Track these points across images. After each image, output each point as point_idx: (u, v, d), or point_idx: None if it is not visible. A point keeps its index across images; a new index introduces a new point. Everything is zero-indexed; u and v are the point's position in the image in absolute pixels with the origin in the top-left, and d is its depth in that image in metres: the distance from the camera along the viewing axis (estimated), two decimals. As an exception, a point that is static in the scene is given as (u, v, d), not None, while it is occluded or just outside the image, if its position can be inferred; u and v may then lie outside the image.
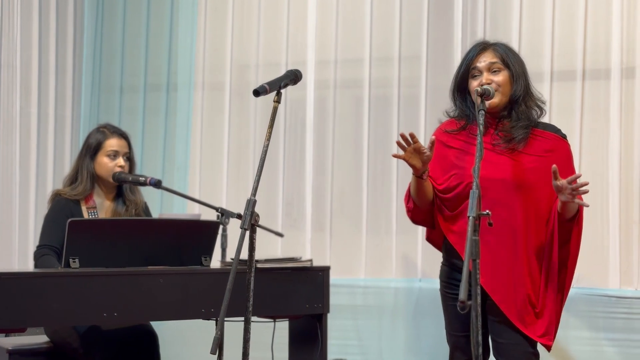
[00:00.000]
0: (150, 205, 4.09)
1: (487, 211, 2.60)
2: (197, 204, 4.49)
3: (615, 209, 4.12)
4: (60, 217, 3.71)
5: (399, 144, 2.98)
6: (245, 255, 2.70)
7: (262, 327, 3.79)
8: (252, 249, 2.69)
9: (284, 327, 3.88)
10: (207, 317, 3.41)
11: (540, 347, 3.08)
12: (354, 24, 4.79)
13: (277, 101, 2.80)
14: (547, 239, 2.99)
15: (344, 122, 4.81)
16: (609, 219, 4.13)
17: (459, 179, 3.08)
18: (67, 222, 3.25)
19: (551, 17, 4.32)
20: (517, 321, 2.98)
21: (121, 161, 3.84)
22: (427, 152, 2.97)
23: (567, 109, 4.24)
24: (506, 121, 3.07)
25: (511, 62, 3.05)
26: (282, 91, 2.85)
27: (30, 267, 4.81)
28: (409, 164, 3.02)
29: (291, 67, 3.12)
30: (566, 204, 2.93)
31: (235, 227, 3.34)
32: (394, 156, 3.06)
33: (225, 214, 3.75)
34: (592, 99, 4.24)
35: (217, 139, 5.06)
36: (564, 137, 3.10)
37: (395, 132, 4.65)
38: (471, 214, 2.56)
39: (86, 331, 3.64)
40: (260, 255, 3.27)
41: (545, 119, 3.21)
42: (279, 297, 3.57)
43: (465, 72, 3.09)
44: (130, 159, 3.91)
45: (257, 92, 2.77)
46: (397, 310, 4.59)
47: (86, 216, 3.79)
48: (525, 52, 4.26)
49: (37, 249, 3.75)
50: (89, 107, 5.34)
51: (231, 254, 3.74)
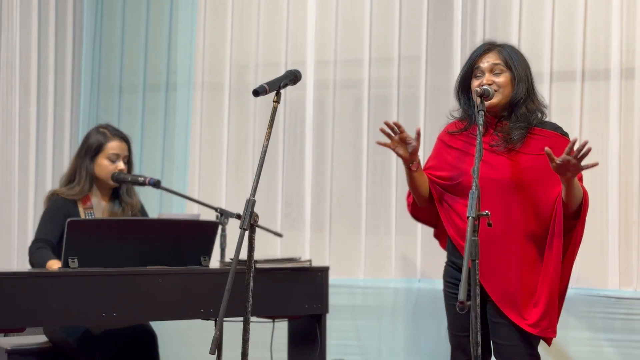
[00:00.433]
0: (149, 205, 4.09)
1: (486, 211, 2.60)
2: (196, 204, 4.49)
3: (614, 210, 4.12)
4: (57, 215, 3.71)
5: (382, 131, 3.07)
6: (244, 255, 2.69)
7: (261, 328, 3.79)
8: (251, 249, 2.68)
9: (283, 327, 3.88)
10: (206, 317, 3.40)
11: (541, 349, 3.08)
12: (354, 24, 4.79)
13: (277, 101, 2.80)
14: (550, 230, 2.97)
15: (344, 122, 4.81)
16: (609, 220, 4.13)
17: (458, 177, 3.11)
18: (64, 221, 3.24)
19: (551, 17, 4.32)
20: (512, 312, 2.97)
21: (121, 164, 3.83)
22: (413, 142, 3.06)
23: (567, 110, 4.24)
24: (506, 122, 3.07)
25: (514, 65, 3.05)
26: (282, 91, 2.85)
27: (28, 267, 4.80)
28: (396, 153, 3.12)
29: (291, 67, 3.12)
30: (570, 188, 2.89)
31: (234, 227, 3.34)
32: (378, 143, 3.15)
33: (224, 214, 3.76)
34: (591, 100, 4.24)
35: (217, 139, 5.06)
36: (564, 134, 3.08)
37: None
38: (470, 214, 2.56)
39: (85, 331, 3.64)
40: (259, 255, 3.27)
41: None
42: (278, 298, 3.57)
43: (468, 71, 3.11)
44: (129, 161, 3.90)
45: (256, 92, 2.77)
46: (396, 310, 4.59)
47: (83, 216, 3.79)
48: (524, 52, 4.22)
49: (32, 243, 3.74)
50: (88, 107, 5.34)
51: (230, 254, 3.74)
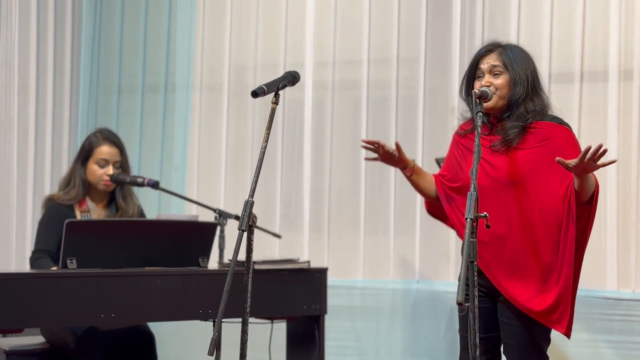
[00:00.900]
0: (147, 206, 4.09)
1: (484, 213, 2.61)
2: (194, 205, 4.49)
3: (612, 211, 4.12)
4: (54, 221, 3.71)
5: (365, 148, 3.33)
6: (243, 256, 2.69)
7: (260, 328, 3.79)
8: (249, 250, 2.68)
9: (281, 328, 3.88)
10: (204, 318, 3.40)
11: (550, 351, 3.08)
12: (352, 25, 4.79)
13: (275, 102, 2.80)
14: (564, 219, 2.94)
15: (342, 123, 4.81)
16: (607, 221, 4.13)
17: (460, 179, 3.16)
18: (62, 227, 3.24)
19: (549, 19, 4.32)
20: (521, 305, 2.98)
21: (110, 170, 3.80)
22: (395, 153, 3.29)
23: (565, 111, 4.21)
24: (506, 122, 3.07)
25: (512, 66, 3.05)
26: (280, 92, 2.85)
27: (27, 268, 4.80)
28: (387, 164, 3.37)
29: (289, 68, 3.12)
30: (584, 181, 2.88)
31: (232, 228, 3.34)
32: (366, 159, 3.44)
33: (222, 215, 3.76)
34: (590, 101, 4.24)
35: (215, 140, 5.06)
36: (562, 124, 3.05)
37: (393, 133, 4.65)
38: (469, 215, 2.57)
39: (83, 332, 3.64)
40: (257, 256, 3.27)
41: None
42: (276, 298, 3.57)
43: (472, 72, 3.12)
44: (123, 166, 3.88)
45: (255, 93, 2.77)
46: (394, 311, 4.59)
47: (80, 219, 3.79)
48: (523, 53, 4.26)
49: (32, 254, 3.75)
50: (87, 108, 5.33)
51: (229, 255, 3.74)
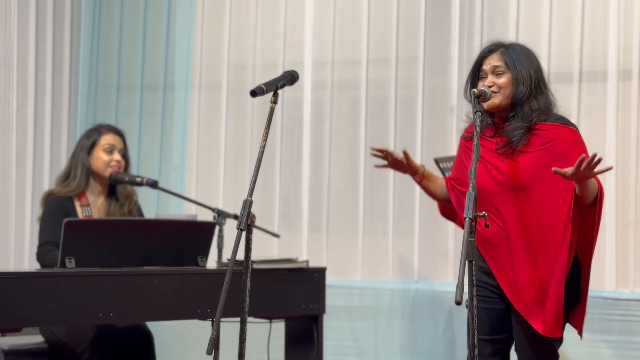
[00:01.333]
0: (146, 205, 4.08)
1: (483, 212, 2.61)
2: (193, 205, 4.49)
3: (611, 211, 4.12)
4: (56, 214, 3.71)
5: (374, 155, 3.37)
6: (241, 255, 2.69)
7: (258, 328, 3.79)
8: (248, 249, 2.68)
9: (280, 327, 3.88)
10: (203, 317, 3.40)
11: (568, 350, 3.08)
12: (351, 25, 4.79)
13: (274, 102, 2.79)
14: (562, 222, 2.94)
15: (341, 123, 4.81)
16: (605, 221, 4.13)
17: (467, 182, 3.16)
18: (64, 217, 3.24)
19: (548, 19, 4.32)
20: (532, 319, 2.98)
21: (117, 156, 3.84)
22: (404, 160, 3.31)
23: (564, 111, 4.24)
24: (511, 123, 3.06)
25: (514, 65, 3.04)
26: (279, 92, 2.85)
27: (26, 266, 4.80)
28: (396, 170, 3.40)
29: (288, 68, 3.13)
30: (584, 187, 2.88)
31: (231, 228, 3.34)
32: (376, 166, 3.47)
33: (221, 215, 3.76)
34: (589, 101, 4.24)
35: (214, 139, 5.06)
36: (567, 124, 3.03)
37: (392, 133, 4.65)
38: (467, 215, 2.57)
39: (82, 331, 3.64)
40: (256, 256, 3.27)
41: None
42: (275, 298, 3.57)
43: (475, 73, 3.11)
44: (125, 156, 3.91)
45: (254, 93, 2.77)
46: (393, 311, 4.59)
47: (80, 213, 3.79)
48: (522, 53, 4.26)
49: (38, 248, 3.74)
50: (86, 107, 5.33)
51: (227, 255, 3.74)
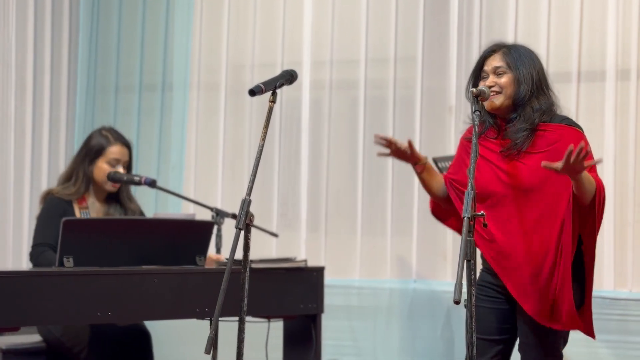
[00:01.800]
0: (144, 205, 4.08)
1: (481, 212, 2.61)
2: (192, 204, 4.49)
3: (609, 211, 4.12)
4: (53, 215, 3.70)
5: (378, 143, 3.32)
6: (240, 255, 2.69)
7: (257, 327, 3.78)
8: (246, 249, 2.69)
9: (278, 327, 3.88)
10: (201, 316, 3.40)
11: (567, 350, 3.08)
12: (350, 25, 4.79)
13: (273, 101, 2.79)
14: (564, 223, 2.95)
15: (340, 122, 4.81)
16: (603, 221, 4.12)
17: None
18: (59, 221, 3.24)
19: (547, 19, 4.32)
20: (542, 319, 2.98)
21: (120, 170, 3.82)
22: (407, 150, 3.28)
23: (562, 111, 4.24)
24: (514, 124, 3.05)
25: (515, 66, 3.04)
26: (278, 91, 2.85)
27: (24, 266, 4.80)
28: (398, 159, 3.36)
29: (287, 68, 3.12)
30: (579, 183, 2.86)
31: (230, 227, 3.34)
32: (379, 154, 3.39)
33: (219, 214, 3.76)
34: (587, 101, 4.25)
35: (213, 138, 5.06)
36: (572, 125, 3.03)
37: (390, 133, 4.65)
38: (466, 214, 2.57)
39: (80, 331, 3.64)
40: (254, 255, 3.26)
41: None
42: (273, 297, 3.57)
43: (476, 74, 3.11)
44: (129, 168, 3.90)
45: (252, 92, 2.77)
46: (391, 311, 4.59)
47: (78, 216, 3.78)
48: (520, 53, 4.26)
49: (32, 248, 3.73)
50: (84, 107, 5.33)
51: (226, 254, 3.74)
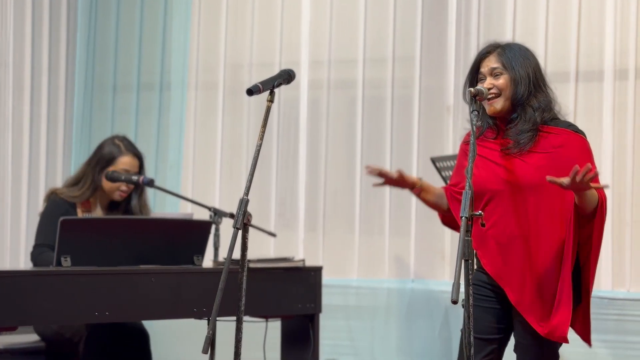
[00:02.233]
0: (142, 204, 4.08)
1: (479, 212, 2.61)
2: (189, 203, 4.48)
3: (607, 211, 4.11)
4: (56, 216, 3.69)
5: (370, 174, 3.36)
6: (237, 254, 2.69)
7: (254, 327, 3.78)
8: (244, 248, 2.68)
9: (276, 327, 3.88)
10: (199, 316, 3.40)
11: (565, 350, 3.08)
12: (348, 25, 4.79)
13: (271, 100, 2.79)
14: (566, 234, 2.95)
15: (338, 122, 4.81)
16: (602, 221, 4.14)
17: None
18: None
19: (545, 19, 4.33)
20: (534, 321, 2.97)
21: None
22: (397, 177, 3.29)
23: (561, 107, 4.24)
24: (516, 124, 3.04)
25: (512, 66, 3.03)
26: (276, 91, 2.84)
27: (21, 265, 4.80)
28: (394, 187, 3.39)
29: (285, 67, 3.13)
30: (582, 197, 2.88)
31: (227, 227, 3.33)
32: (375, 185, 3.41)
33: (217, 214, 3.75)
34: (585, 101, 4.25)
35: (210, 138, 5.06)
36: (577, 132, 3.03)
37: (388, 133, 4.65)
38: (464, 214, 2.57)
39: (77, 330, 3.64)
40: (252, 255, 3.26)
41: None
42: (271, 297, 3.57)
43: (473, 75, 3.10)
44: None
45: (250, 92, 2.76)
46: (389, 311, 4.59)
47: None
48: (518, 53, 4.26)
49: (34, 248, 3.73)
50: (82, 106, 5.33)
51: (223, 254, 3.73)
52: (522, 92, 3.01)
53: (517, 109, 3.03)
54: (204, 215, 3.82)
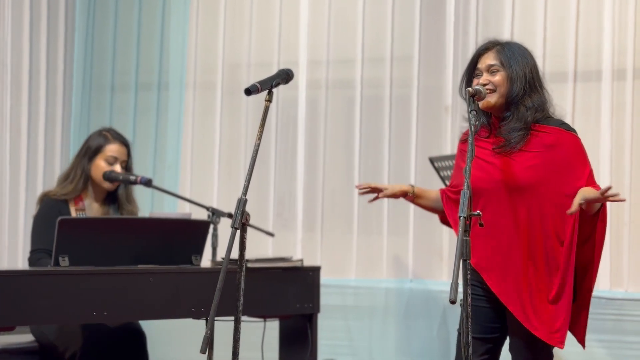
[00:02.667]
0: (140, 204, 4.07)
1: (477, 211, 2.61)
2: (187, 203, 4.48)
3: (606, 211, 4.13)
4: (49, 218, 3.68)
5: (363, 194, 3.49)
6: (235, 254, 2.69)
7: (253, 327, 3.78)
8: (242, 248, 2.68)
9: (274, 326, 3.88)
10: (197, 316, 3.40)
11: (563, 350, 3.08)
12: (346, 24, 4.79)
13: (269, 100, 2.79)
14: (568, 235, 2.95)
15: (336, 122, 4.81)
16: (600, 221, 4.14)
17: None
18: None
19: (543, 19, 4.33)
20: (524, 320, 2.98)
21: (118, 168, 3.82)
22: (390, 190, 3.43)
23: (559, 111, 4.24)
24: (508, 122, 3.05)
25: (509, 64, 3.04)
26: (274, 90, 2.84)
27: (19, 265, 4.79)
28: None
29: (283, 67, 3.13)
30: (590, 205, 2.90)
31: (226, 227, 3.34)
32: (370, 202, 3.55)
33: (216, 213, 3.75)
34: (583, 101, 4.25)
35: (209, 138, 5.06)
36: (569, 130, 3.04)
37: (386, 132, 4.65)
38: (462, 214, 2.57)
39: (74, 330, 3.63)
40: (251, 254, 3.26)
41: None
42: (269, 297, 3.57)
43: (470, 71, 3.11)
44: (127, 167, 3.89)
45: (248, 91, 2.76)
46: (387, 310, 4.59)
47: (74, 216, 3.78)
48: (517, 53, 4.26)
49: (31, 253, 3.72)
50: (80, 106, 5.33)
51: (222, 254, 3.73)
52: (517, 90, 3.02)
53: (510, 107, 3.04)
54: (202, 215, 3.82)
